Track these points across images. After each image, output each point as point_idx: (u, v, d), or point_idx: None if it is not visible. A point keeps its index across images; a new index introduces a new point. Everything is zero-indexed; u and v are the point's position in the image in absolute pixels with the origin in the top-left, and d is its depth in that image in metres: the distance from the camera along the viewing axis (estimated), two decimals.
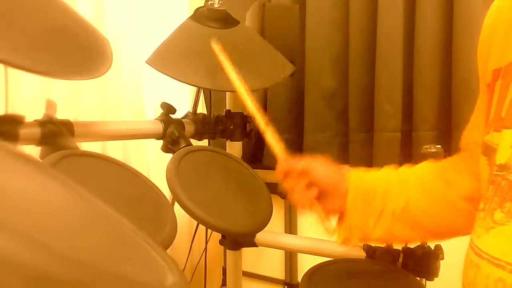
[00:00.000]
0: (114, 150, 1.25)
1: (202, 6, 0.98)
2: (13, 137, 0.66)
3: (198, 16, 0.97)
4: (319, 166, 0.65)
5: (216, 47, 0.79)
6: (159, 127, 0.92)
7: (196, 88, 1.16)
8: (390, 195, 0.64)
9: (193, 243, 1.37)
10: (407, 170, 0.68)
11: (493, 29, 0.53)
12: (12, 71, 0.83)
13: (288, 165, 0.66)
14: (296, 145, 1.30)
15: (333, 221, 0.68)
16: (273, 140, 0.69)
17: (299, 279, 0.91)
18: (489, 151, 0.48)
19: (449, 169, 0.65)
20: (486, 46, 0.54)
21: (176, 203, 0.74)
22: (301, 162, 0.65)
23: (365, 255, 0.93)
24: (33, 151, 0.71)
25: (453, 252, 0.74)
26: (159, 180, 0.78)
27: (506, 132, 0.46)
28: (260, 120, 0.71)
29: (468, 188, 0.60)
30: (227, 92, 1.19)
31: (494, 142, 0.47)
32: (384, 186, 0.65)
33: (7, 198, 0.25)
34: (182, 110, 1.04)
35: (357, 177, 0.67)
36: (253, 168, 0.94)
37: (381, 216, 0.64)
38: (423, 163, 0.70)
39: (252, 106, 0.72)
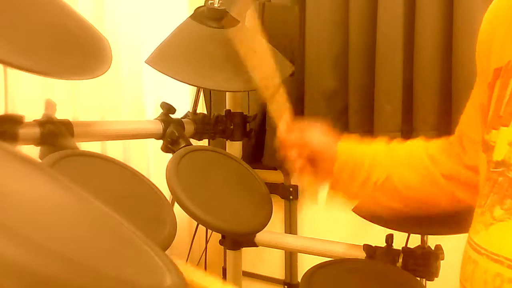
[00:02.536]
0: (114, 150, 1.24)
1: (202, 6, 0.98)
2: (13, 137, 0.66)
3: (198, 15, 0.97)
4: (315, 132, 0.71)
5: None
6: (159, 127, 0.92)
7: (196, 88, 1.16)
8: (376, 165, 0.69)
9: (193, 243, 1.37)
10: (397, 144, 0.72)
11: (493, 28, 0.53)
12: (12, 71, 0.83)
13: (287, 133, 0.71)
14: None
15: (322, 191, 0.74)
16: (281, 104, 0.74)
17: (299, 279, 0.91)
18: (488, 149, 0.49)
19: (436, 148, 0.68)
20: (486, 45, 0.54)
21: (176, 203, 0.74)
22: (299, 130, 0.71)
23: (365, 255, 0.93)
24: (32, 151, 0.71)
25: (453, 252, 0.74)
26: (159, 180, 0.78)
27: (503, 129, 0.46)
28: (274, 80, 0.75)
29: (452, 168, 0.64)
30: (227, 92, 1.19)
31: (492, 140, 0.48)
32: (372, 156, 0.70)
33: (5, 199, 0.25)
34: (182, 110, 1.04)
35: (347, 146, 0.71)
36: (253, 168, 0.94)
37: (364, 184, 0.69)
38: (415, 139, 0.73)
39: (271, 64, 0.74)
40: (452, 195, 0.64)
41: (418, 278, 0.85)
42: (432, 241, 0.91)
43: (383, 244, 0.92)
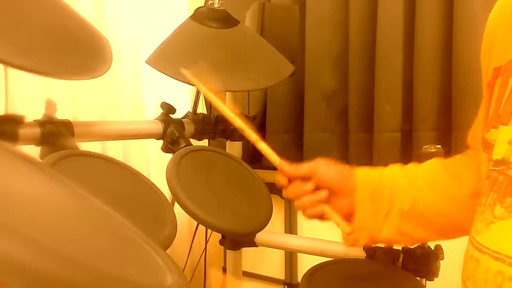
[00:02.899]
0: (114, 150, 1.25)
1: (202, 6, 0.98)
2: (13, 137, 0.66)
3: (198, 16, 0.97)
4: (324, 167, 0.63)
5: (187, 73, 0.71)
6: (159, 127, 0.92)
7: (196, 88, 1.16)
8: (397, 194, 0.63)
9: (193, 243, 1.37)
10: (414, 167, 0.67)
11: (496, 28, 0.53)
12: (12, 71, 0.83)
13: (290, 171, 0.63)
14: (296, 145, 1.30)
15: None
16: (267, 151, 0.66)
17: (299, 279, 0.91)
18: (487, 148, 0.49)
19: (457, 166, 0.65)
20: (489, 45, 0.54)
21: (176, 203, 0.74)
22: (304, 166, 0.63)
23: (365, 255, 0.93)
24: (32, 151, 0.71)
25: (453, 252, 0.74)
26: (159, 180, 0.78)
27: (502, 128, 0.46)
28: (251, 134, 0.67)
29: (475, 185, 0.60)
30: (227, 92, 1.19)
31: (492, 138, 0.48)
32: (391, 184, 0.64)
33: (6, 199, 0.25)
34: (182, 110, 1.04)
35: (364, 175, 0.65)
36: (253, 168, 0.94)
37: (388, 215, 0.63)
38: (431, 160, 0.69)
39: (240, 123, 0.67)
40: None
41: (418, 278, 0.85)
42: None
43: (383, 244, 0.92)
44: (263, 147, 0.66)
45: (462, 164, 0.65)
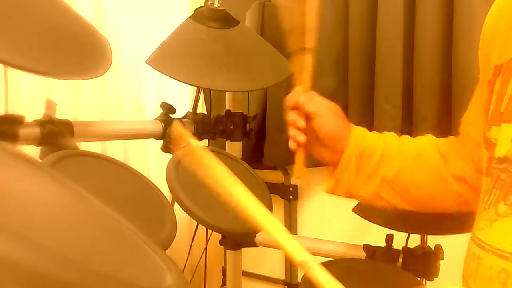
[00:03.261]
0: (114, 150, 1.24)
1: (202, 6, 0.98)
2: (13, 137, 0.66)
3: (198, 16, 0.97)
4: (326, 116, 0.65)
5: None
6: (159, 127, 0.92)
7: (196, 88, 1.16)
8: (385, 160, 0.65)
9: (193, 243, 1.37)
10: (407, 139, 0.70)
11: (495, 26, 0.53)
12: (12, 71, 0.83)
13: (300, 99, 0.65)
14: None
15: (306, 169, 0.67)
16: (307, 66, 0.67)
17: (299, 279, 0.91)
18: (489, 146, 0.49)
19: (448, 147, 0.66)
20: (488, 43, 0.54)
21: (176, 203, 0.74)
22: (312, 104, 0.65)
23: (365, 255, 0.93)
24: (32, 151, 0.71)
25: (453, 252, 0.74)
26: (159, 180, 0.78)
27: (505, 126, 0.46)
28: (311, 40, 0.67)
29: (462, 169, 0.62)
30: (227, 92, 1.19)
31: (493, 136, 0.48)
32: (382, 150, 0.66)
33: (6, 199, 0.25)
34: (182, 110, 1.04)
35: (358, 138, 0.67)
36: (253, 168, 0.94)
37: (371, 177, 0.65)
38: (425, 136, 0.71)
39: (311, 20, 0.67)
40: (460, 196, 0.63)
41: (418, 278, 0.85)
42: (432, 241, 0.91)
43: (383, 244, 0.92)
44: (308, 61, 0.67)
45: (453, 146, 0.66)
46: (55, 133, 0.71)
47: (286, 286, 1.46)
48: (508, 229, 0.43)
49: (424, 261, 0.88)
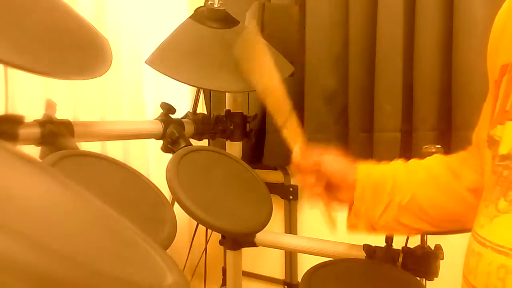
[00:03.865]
0: (114, 150, 1.25)
1: (202, 6, 0.98)
2: (13, 137, 0.66)
3: (198, 15, 0.97)
4: (330, 160, 0.69)
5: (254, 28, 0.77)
6: (159, 127, 0.92)
7: (196, 88, 1.16)
8: (398, 187, 0.67)
9: (193, 243, 1.37)
10: (415, 163, 0.71)
11: (504, 26, 0.54)
12: (12, 71, 0.83)
13: (302, 158, 0.70)
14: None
15: (337, 213, 0.72)
16: (294, 130, 0.73)
17: (299, 279, 0.91)
18: (493, 144, 0.49)
19: (458, 162, 0.67)
20: (497, 43, 0.55)
21: (176, 203, 0.74)
22: (312, 157, 0.69)
23: (365, 255, 0.93)
24: (32, 151, 0.71)
25: (453, 252, 0.74)
26: (159, 180, 0.78)
27: (509, 123, 0.47)
28: (286, 107, 0.73)
29: (475, 181, 0.62)
30: (227, 92, 1.19)
31: (498, 135, 0.48)
32: (393, 178, 0.67)
33: (6, 199, 0.25)
34: (182, 110, 1.04)
35: (366, 170, 0.69)
36: (253, 168, 0.94)
37: (388, 207, 0.67)
38: (432, 156, 0.72)
39: (282, 92, 0.74)
40: (476, 208, 0.63)
41: (418, 278, 0.85)
42: (432, 241, 0.91)
43: (383, 244, 0.92)
44: (292, 126, 0.74)
45: (462, 161, 0.66)
46: (55, 133, 0.71)
47: (286, 286, 1.46)
48: (508, 225, 0.43)
49: (424, 261, 0.88)
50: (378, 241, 0.94)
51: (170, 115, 0.95)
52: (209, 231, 1.31)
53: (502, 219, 0.44)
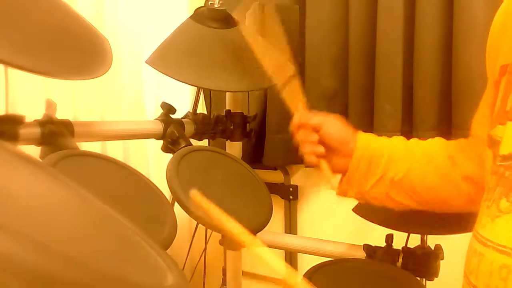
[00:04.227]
0: (114, 150, 1.24)
1: (202, 6, 0.98)
2: (13, 137, 0.66)
3: (198, 16, 0.97)
4: (331, 124, 0.69)
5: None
6: (159, 127, 0.92)
7: (196, 88, 1.16)
8: (393, 162, 0.67)
9: (192, 243, 1.37)
10: (415, 142, 0.71)
11: (503, 26, 0.54)
12: (12, 71, 0.83)
13: (303, 119, 0.70)
14: (296, 145, 1.30)
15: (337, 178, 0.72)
16: (296, 93, 0.73)
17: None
18: (493, 144, 0.49)
19: (457, 148, 0.67)
20: (496, 43, 0.55)
21: (176, 203, 0.74)
22: (315, 118, 0.69)
23: (365, 255, 0.93)
24: (33, 151, 0.71)
25: (453, 252, 0.74)
26: (159, 180, 0.78)
27: (510, 124, 0.47)
28: (289, 69, 0.73)
29: (470, 170, 0.63)
30: (227, 92, 1.19)
31: (499, 135, 0.48)
32: (390, 152, 0.68)
33: (7, 199, 0.25)
34: (182, 110, 1.04)
35: (365, 140, 0.70)
36: (253, 168, 0.94)
37: (381, 180, 0.67)
38: (434, 138, 0.72)
39: (287, 54, 0.73)
40: (469, 197, 0.64)
41: (418, 278, 0.85)
42: (432, 241, 0.91)
43: (383, 244, 0.92)
44: (296, 87, 0.73)
45: (461, 149, 0.67)
46: (55, 133, 0.71)
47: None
48: (510, 225, 0.43)
49: (424, 261, 0.88)
50: (378, 241, 0.94)
51: (170, 115, 0.95)
52: (209, 231, 1.31)
53: (504, 219, 0.44)
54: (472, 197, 0.63)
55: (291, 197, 1.38)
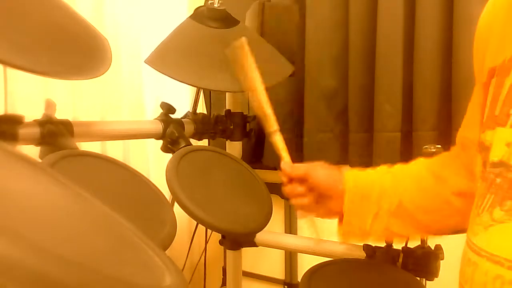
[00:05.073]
0: (114, 150, 1.24)
1: (202, 6, 0.98)
2: (12, 137, 0.66)
3: (198, 15, 0.97)
4: (318, 170, 0.69)
5: (243, 42, 0.77)
6: (159, 127, 0.92)
7: (196, 88, 1.16)
8: (384, 195, 0.67)
9: (192, 243, 1.37)
10: (400, 168, 0.71)
11: (489, 27, 0.53)
12: (12, 71, 0.83)
13: (289, 171, 0.70)
14: (296, 145, 1.30)
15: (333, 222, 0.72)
16: (280, 144, 0.73)
17: (299, 279, 0.91)
18: (483, 149, 0.49)
19: (441, 165, 0.67)
20: (483, 45, 0.54)
21: (176, 203, 0.74)
22: (302, 168, 0.69)
23: (365, 255, 0.93)
24: (32, 151, 0.71)
25: (453, 252, 0.74)
26: (159, 180, 0.78)
27: (499, 129, 0.46)
28: (272, 122, 0.74)
29: (460, 183, 0.62)
30: (227, 92, 1.19)
31: (488, 140, 0.47)
32: (379, 187, 0.68)
33: (5, 200, 0.25)
34: (182, 110, 1.04)
35: (353, 179, 0.69)
36: (253, 168, 0.94)
37: (377, 216, 0.67)
38: (417, 160, 0.72)
39: (267, 107, 0.75)
40: (464, 212, 0.62)
41: (418, 278, 0.85)
42: (432, 241, 0.91)
43: (383, 244, 0.92)
44: (278, 140, 0.74)
45: (446, 163, 0.67)
46: (55, 133, 0.71)
47: (286, 286, 1.46)
48: (504, 235, 0.42)
49: (424, 261, 0.88)
50: None
51: (170, 115, 0.95)
52: (209, 231, 1.31)
53: (497, 228, 0.43)
54: (469, 212, 0.62)
55: None
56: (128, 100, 1.33)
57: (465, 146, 0.62)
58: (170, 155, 0.84)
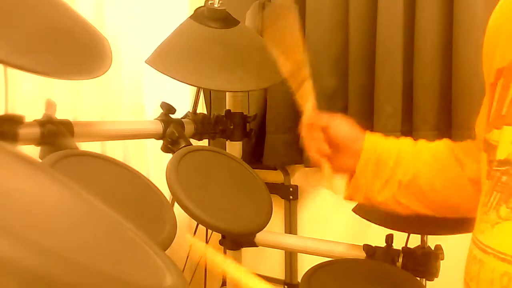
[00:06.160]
0: (114, 150, 1.24)
1: (202, 6, 0.98)
2: (13, 137, 0.66)
3: (198, 15, 0.97)
4: (340, 123, 0.69)
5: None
6: (159, 127, 0.92)
7: (196, 88, 1.16)
8: (401, 164, 0.67)
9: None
10: (423, 144, 0.70)
11: (499, 28, 0.53)
12: (12, 71, 0.83)
13: (312, 119, 0.70)
14: (296, 145, 1.30)
15: (338, 180, 0.72)
16: (307, 93, 0.72)
17: (299, 279, 0.91)
18: (489, 148, 0.49)
19: (463, 150, 0.67)
20: (492, 46, 0.54)
21: (176, 203, 0.74)
22: (324, 117, 0.69)
23: (365, 255, 0.93)
24: (32, 151, 0.71)
25: (453, 252, 0.74)
26: (159, 180, 0.78)
27: (506, 128, 0.46)
28: (304, 71, 0.73)
29: (477, 172, 0.62)
30: (227, 92, 1.19)
31: (494, 139, 0.48)
32: (397, 154, 0.67)
33: (5, 199, 0.25)
34: (182, 110, 1.04)
35: (373, 141, 0.69)
36: (253, 168, 0.94)
37: (388, 182, 0.67)
38: (442, 140, 0.71)
39: (302, 55, 0.73)
40: (477, 199, 0.63)
41: (418, 278, 0.85)
42: (432, 241, 0.91)
43: (383, 244, 0.92)
44: (309, 86, 0.73)
45: (467, 150, 0.66)
46: (55, 133, 0.71)
47: (286, 286, 1.46)
48: (511, 232, 0.43)
49: (424, 261, 0.88)
50: (378, 241, 0.94)
51: (170, 115, 0.95)
52: (209, 231, 1.31)
53: (504, 226, 0.43)
54: (478, 201, 0.62)
55: (291, 197, 1.38)
56: (128, 100, 1.33)
57: (478, 142, 0.63)
58: (170, 155, 0.84)
